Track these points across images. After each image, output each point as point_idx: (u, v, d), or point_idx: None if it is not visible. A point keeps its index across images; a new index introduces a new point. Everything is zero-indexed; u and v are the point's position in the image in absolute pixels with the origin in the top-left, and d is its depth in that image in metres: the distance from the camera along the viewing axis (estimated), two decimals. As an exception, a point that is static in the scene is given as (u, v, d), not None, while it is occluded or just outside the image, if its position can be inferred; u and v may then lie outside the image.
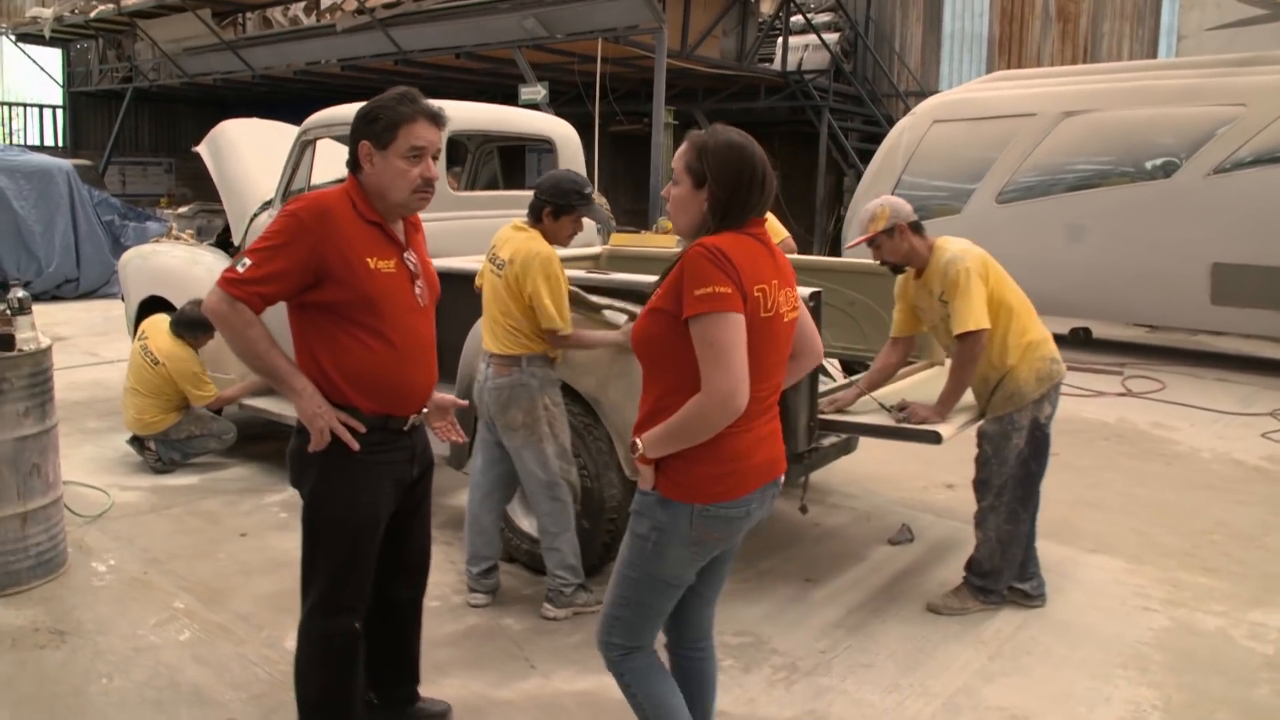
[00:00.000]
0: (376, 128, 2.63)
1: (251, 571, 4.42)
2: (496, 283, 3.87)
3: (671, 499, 2.44)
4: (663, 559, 2.49)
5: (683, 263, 2.36)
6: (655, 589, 2.54)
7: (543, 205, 3.92)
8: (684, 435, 2.37)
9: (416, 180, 2.65)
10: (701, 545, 2.48)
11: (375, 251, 2.66)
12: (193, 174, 25.78)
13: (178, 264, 6.27)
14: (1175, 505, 5.66)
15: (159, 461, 5.73)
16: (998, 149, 10.11)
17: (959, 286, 3.81)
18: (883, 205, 3.99)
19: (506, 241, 3.92)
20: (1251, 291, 8.97)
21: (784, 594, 4.32)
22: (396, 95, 2.67)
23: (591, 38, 12.00)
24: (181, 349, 5.65)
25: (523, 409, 3.86)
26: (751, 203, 2.43)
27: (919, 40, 16.99)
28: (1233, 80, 9.06)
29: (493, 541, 4.13)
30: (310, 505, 2.74)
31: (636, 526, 2.54)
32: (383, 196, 2.67)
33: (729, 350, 2.29)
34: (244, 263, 2.57)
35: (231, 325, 2.56)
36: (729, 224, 2.42)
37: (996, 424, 3.99)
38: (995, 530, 4.07)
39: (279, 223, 2.59)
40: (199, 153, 6.65)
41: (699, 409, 2.33)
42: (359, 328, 2.64)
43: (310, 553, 2.78)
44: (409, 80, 16.38)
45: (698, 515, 2.43)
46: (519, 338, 3.85)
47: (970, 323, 3.78)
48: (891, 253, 4.01)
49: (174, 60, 19.21)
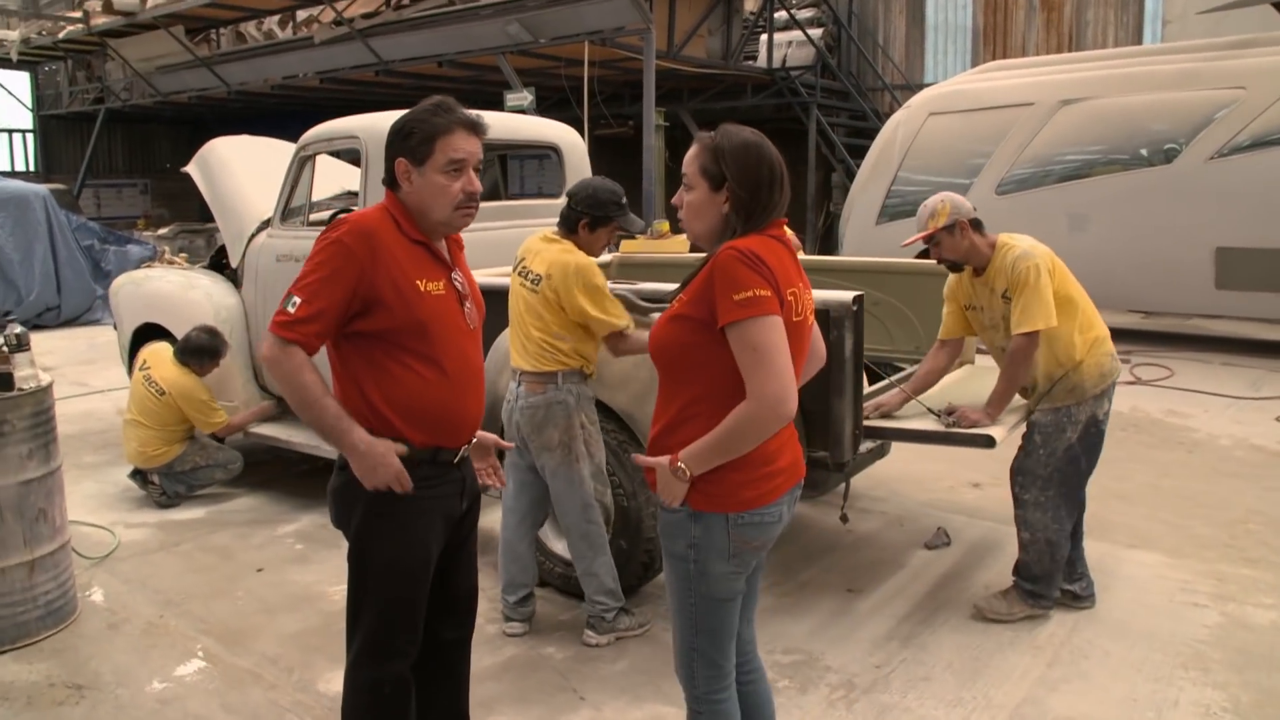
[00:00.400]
0: (412, 143, 2.47)
1: (274, 609, 4.24)
2: (531, 298, 3.70)
3: (704, 511, 2.34)
4: (707, 576, 2.39)
5: (714, 267, 2.26)
6: (713, 609, 2.44)
7: (579, 216, 3.75)
8: (732, 446, 2.27)
9: (458, 195, 2.49)
10: (741, 556, 2.39)
11: (424, 273, 2.51)
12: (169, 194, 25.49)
13: (173, 289, 6.06)
14: (1205, 495, 5.58)
15: (163, 495, 5.52)
16: (995, 140, 10.02)
17: (1028, 284, 3.69)
18: (943, 201, 3.87)
19: (537, 254, 3.75)
20: (1256, 275, 8.91)
21: (828, 606, 4.18)
22: (431, 106, 2.50)
23: (577, 41, 11.84)
24: (187, 377, 5.45)
25: (559, 428, 3.70)
26: (774, 202, 2.35)
27: (903, 33, 16.92)
28: (1231, 63, 9.00)
29: (529, 568, 3.97)
30: (357, 546, 2.57)
31: (672, 547, 2.44)
32: (425, 215, 2.51)
33: (774, 353, 2.21)
34: (293, 301, 2.39)
35: (284, 372, 2.39)
36: (753, 226, 2.33)
37: (1052, 414, 3.87)
38: (1043, 530, 3.92)
39: (322, 251, 2.42)
40: (188, 173, 6.47)
41: (748, 417, 2.23)
42: (410, 355, 2.48)
43: (357, 596, 2.61)
44: (390, 91, 16.21)
45: (734, 525, 2.33)
46: (555, 354, 3.67)
47: (1039, 320, 3.66)
48: (951, 250, 3.88)
49: (146, 79, 18.91)
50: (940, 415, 3.76)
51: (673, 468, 2.32)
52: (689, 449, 2.31)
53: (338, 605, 4.24)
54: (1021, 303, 3.70)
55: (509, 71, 12.67)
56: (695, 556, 2.38)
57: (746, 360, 2.22)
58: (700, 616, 2.44)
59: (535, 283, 3.68)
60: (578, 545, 3.81)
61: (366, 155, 5.03)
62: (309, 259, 2.44)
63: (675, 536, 2.41)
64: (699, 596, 2.42)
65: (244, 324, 5.79)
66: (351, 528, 2.55)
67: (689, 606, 2.45)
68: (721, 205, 2.33)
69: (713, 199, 2.34)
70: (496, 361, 4.22)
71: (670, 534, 2.43)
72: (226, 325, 5.70)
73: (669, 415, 2.40)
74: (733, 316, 2.21)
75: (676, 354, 2.36)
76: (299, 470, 6.15)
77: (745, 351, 2.22)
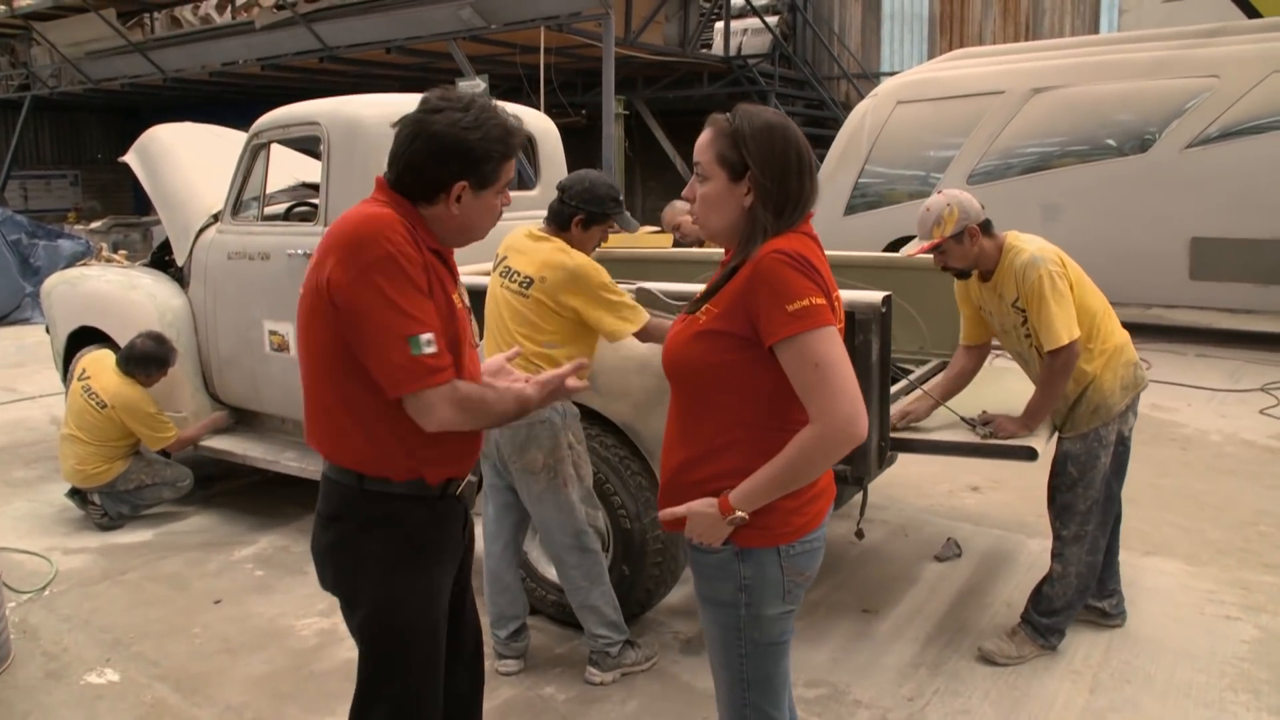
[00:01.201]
0: (485, 169, 2.08)
1: (236, 648, 3.80)
2: (518, 302, 3.31)
3: (754, 547, 2.04)
4: (761, 620, 2.09)
5: (756, 275, 1.95)
6: (766, 656, 2.14)
7: (574, 212, 3.37)
8: (798, 478, 1.99)
9: (500, 211, 2.17)
10: (794, 592, 2.11)
11: (451, 285, 2.17)
12: (101, 186, 24.51)
13: (113, 289, 5.56)
14: (1208, 495, 5.41)
15: (105, 517, 5.04)
16: (966, 129, 9.80)
17: (1042, 296, 3.32)
18: (949, 206, 3.44)
19: (524, 253, 3.37)
20: (1230, 265, 8.80)
21: (845, 630, 3.87)
22: (498, 126, 2.09)
23: (533, 26, 11.39)
24: (132, 389, 4.97)
25: (544, 450, 3.32)
26: (804, 192, 2.04)
27: (859, 21, 16.71)
28: (1204, 52, 8.86)
29: (518, 598, 3.59)
30: (374, 614, 2.16)
31: (716, 594, 2.12)
32: (465, 234, 2.16)
33: (839, 368, 1.93)
34: (425, 340, 1.98)
35: (477, 394, 2.08)
36: (787, 222, 2.02)
37: (1082, 442, 3.52)
38: (1077, 564, 3.61)
39: (389, 273, 1.97)
40: (126, 163, 5.97)
41: (818, 442, 1.93)
42: None
43: (378, 673, 2.19)
44: (335, 78, 15.60)
45: (786, 557, 2.07)
46: (540, 367, 3.27)
47: (1063, 335, 3.31)
48: (960, 259, 3.50)
49: (76, 65, 18.00)
50: (975, 426, 3.45)
51: (726, 515, 2.00)
52: (742, 490, 2.00)
53: (307, 642, 3.84)
54: (1041, 318, 3.34)
55: (461, 58, 12.19)
56: (747, 600, 2.08)
57: (808, 379, 1.92)
58: (752, 667, 2.14)
59: (525, 285, 3.30)
60: (571, 576, 3.44)
61: (329, 144, 4.61)
62: (374, 289, 1.96)
63: (720, 580, 2.10)
64: (750, 645, 2.12)
65: (192, 327, 5.31)
66: (362, 592, 2.15)
67: (738, 659, 2.14)
68: (743, 197, 2.02)
69: (732, 190, 2.03)
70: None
71: (712, 578, 2.11)
72: (173, 329, 5.23)
73: (696, 446, 2.08)
74: (788, 331, 1.91)
75: (706, 376, 2.04)
76: (251, 483, 5.69)
77: (806, 369, 1.92)
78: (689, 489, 2.07)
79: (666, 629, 3.90)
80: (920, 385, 4.00)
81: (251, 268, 4.90)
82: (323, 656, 3.73)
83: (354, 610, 2.19)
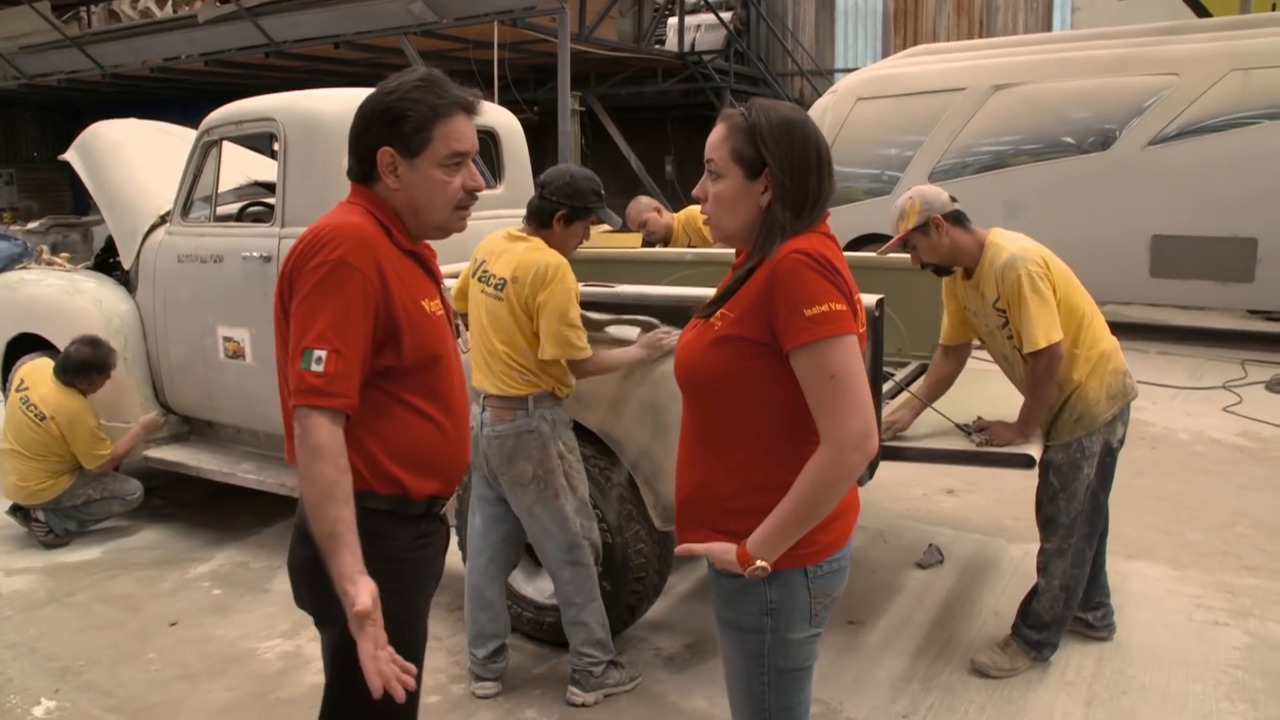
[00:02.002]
0: (404, 129, 1.93)
1: (195, 675, 3.58)
2: (494, 306, 3.14)
3: (780, 568, 1.91)
4: (786, 645, 1.97)
5: (775, 275, 1.82)
6: (790, 683, 2.01)
7: (555, 208, 3.21)
8: (816, 512, 1.85)
9: (458, 193, 1.98)
10: (820, 614, 1.98)
11: (425, 292, 2.00)
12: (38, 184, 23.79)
13: (54, 294, 5.27)
14: (1184, 496, 5.40)
15: (50, 534, 4.77)
16: (927, 126, 9.75)
17: (1022, 296, 3.22)
18: (910, 199, 3.38)
19: (500, 254, 3.20)
20: (1191, 263, 8.84)
21: (832, 643, 3.74)
22: (420, 83, 1.96)
23: (486, 21, 11.17)
24: (72, 399, 4.70)
25: (533, 460, 3.16)
26: (823, 190, 1.93)
27: (812, 17, 16.69)
28: (1163, 49, 8.89)
29: (500, 616, 3.42)
30: (346, 637, 1.99)
31: (740, 619, 1.98)
32: (417, 217, 1.99)
33: (854, 382, 1.80)
34: (315, 358, 1.82)
35: (332, 459, 1.81)
36: (805, 221, 1.90)
37: (1064, 451, 3.42)
38: (1061, 577, 3.51)
39: (325, 279, 1.85)
40: (67, 161, 5.68)
41: (828, 468, 1.80)
42: (420, 394, 1.98)
43: (344, 695, 2.01)
44: (281, 75, 15.22)
45: (814, 578, 1.95)
46: (524, 374, 3.14)
47: (1040, 338, 3.20)
48: (930, 252, 3.40)
49: (9, 60, 17.41)
50: (970, 433, 3.34)
51: (746, 568, 1.87)
52: (761, 535, 1.87)
53: (271, 666, 3.64)
54: (1021, 320, 3.24)
55: (412, 53, 11.94)
56: (773, 625, 1.95)
57: (821, 392, 1.80)
58: (774, 695, 2.02)
59: (499, 288, 3.14)
60: (565, 591, 3.29)
61: (285, 140, 4.39)
62: (304, 292, 1.86)
63: (744, 605, 1.96)
64: (774, 673, 1.99)
65: (140, 334, 5.06)
66: (337, 617, 1.98)
67: (759, 687, 2.01)
68: (760, 196, 1.90)
69: (748, 189, 1.90)
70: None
71: (736, 602, 1.97)
72: (120, 335, 4.97)
73: (715, 461, 1.95)
74: (805, 337, 1.79)
75: (725, 385, 1.91)
76: (203, 493, 5.43)
77: (820, 381, 1.80)
78: (708, 507, 1.95)
79: (648, 645, 3.75)
80: (906, 388, 3.90)
81: (204, 271, 4.66)
82: (288, 682, 3.52)
83: (327, 630, 2.04)
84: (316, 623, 2.06)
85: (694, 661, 3.65)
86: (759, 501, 1.88)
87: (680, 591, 4.22)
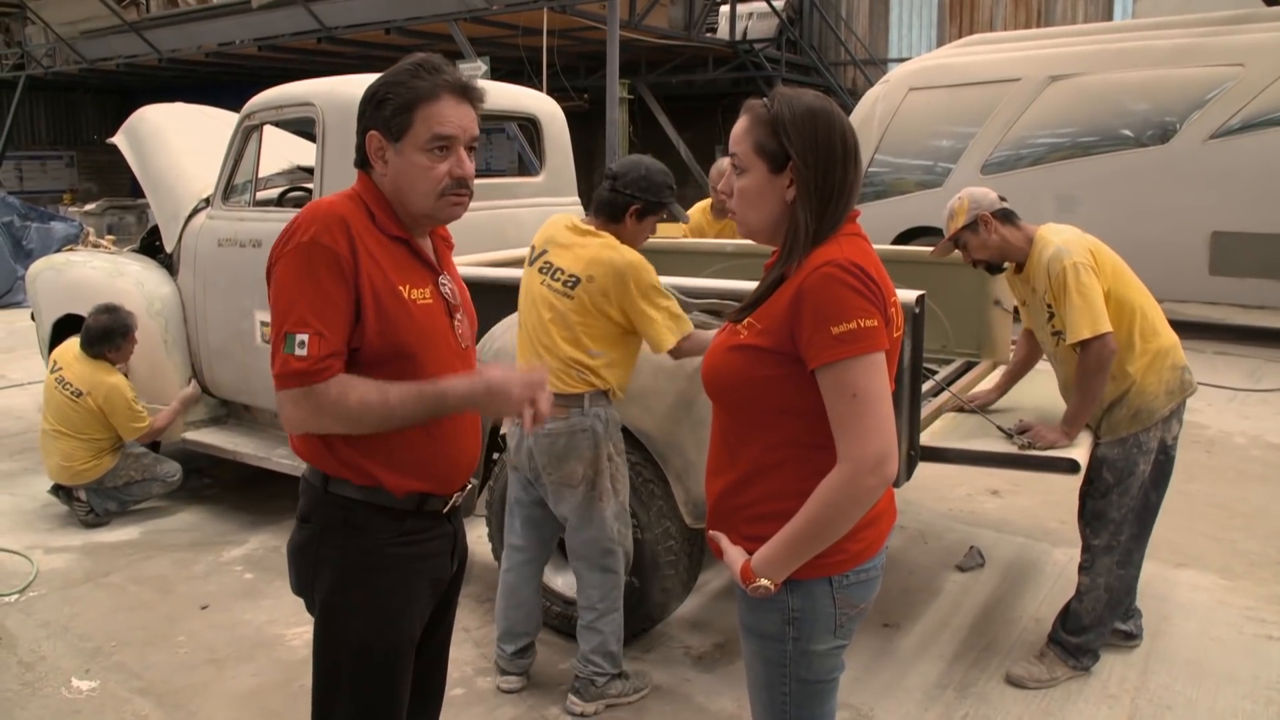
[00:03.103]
0: (385, 112, 1.89)
1: (223, 659, 3.59)
2: (561, 303, 3.00)
3: (804, 577, 1.84)
4: (809, 656, 1.90)
5: (804, 292, 1.75)
6: (813, 696, 1.95)
7: (628, 202, 3.06)
8: (827, 531, 1.78)
9: (444, 180, 1.92)
10: (847, 625, 1.91)
11: (407, 278, 1.94)
12: (96, 167, 24.24)
13: (98, 276, 5.32)
14: (1238, 503, 5.22)
15: (90, 514, 4.81)
16: (981, 117, 9.54)
17: (1066, 287, 3.13)
18: (960, 199, 3.40)
19: (568, 248, 3.04)
20: (1252, 260, 8.56)
21: (866, 646, 3.66)
22: (410, 66, 1.93)
23: (536, 8, 11.14)
24: (105, 372, 4.73)
25: (584, 461, 3.03)
26: (849, 183, 1.84)
27: (866, 6, 16.45)
28: (1228, 39, 8.60)
29: (532, 615, 3.35)
30: (325, 623, 1.99)
31: (761, 625, 1.92)
32: (403, 203, 1.94)
33: (877, 402, 1.74)
34: (298, 341, 1.80)
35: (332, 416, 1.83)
36: (832, 220, 1.82)
37: (1120, 447, 3.31)
38: (1106, 575, 3.40)
39: (297, 261, 1.84)
40: (116, 144, 5.74)
41: (843, 489, 1.74)
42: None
43: (326, 688, 2.02)
44: (333, 61, 15.34)
45: (839, 588, 1.87)
46: (584, 372, 2.99)
47: (1085, 329, 3.09)
48: (981, 249, 3.38)
49: (71, 45, 17.73)
50: (1012, 435, 3.23)
51: (749, 585, 1.82)
52: (765, 554, 1.82)
53: (297, 653, 3.63)
54: (1065, 311, 3.15)
55: (462, 39, 11.94)
56: (795, 634, 1.89)
57: (844, 410, 1.74)
58: (796, 707, 1.95)
59: (570, 285, 2.99)
60: (588, 594, 3.20)
61: (324, 126, 4.37)
62: (280, 278, 1.86)
63: (766, 611, 1.90)
64: (796, 683, 1.93)
65: (181, 317, 5.09)
66: (318, 598, 1.97)
67: (781, 698, 1.95)
68: (784, 189, 1.82)
69: (773, 183, 1.83)
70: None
71: (758, 608, 1.91)
72: (161, 318, 5.01)
73: (741, 468, 1.89)
74: (830, 356, 1.72)
75: (750, 391, 1.85)
76: (241, 477, 5.47)
77: (842, 399, 1.73)
78: (734, 514, 1.89)
79: (677, 643, 3.69)
80: (947, 387, 3.80)
81: (243, 255, 4.67)
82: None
83: (315, 619, 2.02)
84: (307, 607, 2.04)
85: (723, 661, 3.58)
86: (783, 507, 1.82)
87: (712, 589, 4.15)
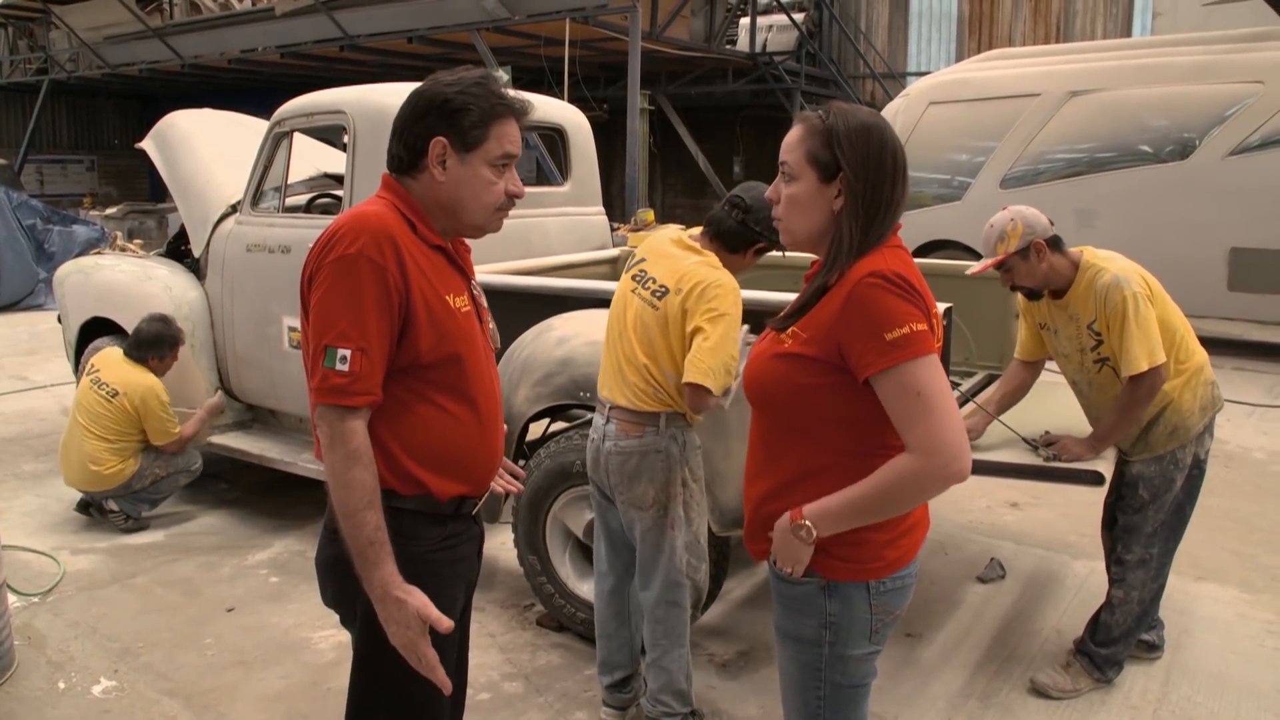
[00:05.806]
0: (464, 122, 1.90)
1: (250, 662, 3.63)
2: (646, 314, 2.87)
3: (842, 581, 1.89)
4: (845, 660, 1.94)
5: (851, 302, 1.79)
6: (846, 700, 1.98)
7: (756, 239, 2.94)
8: (885, 508, 1.82)
9: (502, 196, 1.97)
10: (882, 631, 1.95)
11: (450, 286, 1.97)
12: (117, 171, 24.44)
13: (127, 280, 5.38)
14: (1258, 518, 5.21)
15: (128, 520, 4.84)
16: (1000, 132, 9.56)
17: (1125, 318, 3.10)
18: (1013, 221, 3.24)
19: (667, 258, 2.91)
20: (1270, 276, 8.55)
21: (889, 655, 3.67)
22: (482, 79, 1.94)
23: (558, 18, 11.21)
24: (144, 375, 4.78)
25: (656, 484, 2.90)
26: (896, 198, 1.88)
27: (886, 19, 16.49)
28: (1248, 56, 8.61)
29: (624, 647, 3.18)
30: (372, 633, 1.95)
31: (798, 629, 1.95)
32: (455, 213, 1.97)
33: (943, 397, 1.77)
34: (340, 356, 1.80)
35: (340, 457, 1.82)
36: (877, 232, 1.86)
37: (1157, 464, 3.31)
38: (1140, 589, 3.40)
39: (343, 274, 1.83)
40: (143, 149, 5.80)
41: (916, 475, 1.77)
42: (443, 391, 1.94)
43: (366, 696, 2.02)
44: (355, 68, 15.45)
45: (875, 594, 1.92)
46: (660, 391, 2.86)
47: (1143, 360, 3.09)
48: (1027, 276, 3.28)
49: (94, 50, 17.91)
50: (1037, 447, 3.25)
51: (793, 524, 1.85)
52: (822, 505, 1.84)
53: (324, 656, 3.67)
54: (1123, 343, 3.13)
55: (484, 49, 12.03)
56: (831, 638, 1.93)
57: (907, 407, 1.76)
58: (830, 711, 1.98)
59: (659, 295, 2.85)
60: (653, 630, 3.03)
61: (354, 133, 4.42)
62: (323, 288, 1.84)
63: (803, 615, 1.94)
64: (830, 687, 1.96)
65: (208, 321, 5.14)
66: (358, 613, 1.96)
67: (815, 701, 1.98)
68: (833, 200, 1.86)
69: (822, 192, 1.87)
70: (511, 377, 3.66)
71: (795, 612, 1.95)
72: (189, 322, 5.05)
73: (780, 475, 1.93)
74: (886, 361, 1.75)
75: (793, 399, 1.88)
76: (266, 481, 5.51)
77: (905, 398, 1.76)
78: (772, 519, 1.92)
79: (702, 650, 3.71)
80: (973, 399, 3.81)
81: (271, 261, 4.72)
82: (340, 673, 3.54)
83: (351, 629, 2.03)
84: (342, 620, 2.05)
85: (748, 669, 3.60)
86: None
87: (736, 597, 4.17)
